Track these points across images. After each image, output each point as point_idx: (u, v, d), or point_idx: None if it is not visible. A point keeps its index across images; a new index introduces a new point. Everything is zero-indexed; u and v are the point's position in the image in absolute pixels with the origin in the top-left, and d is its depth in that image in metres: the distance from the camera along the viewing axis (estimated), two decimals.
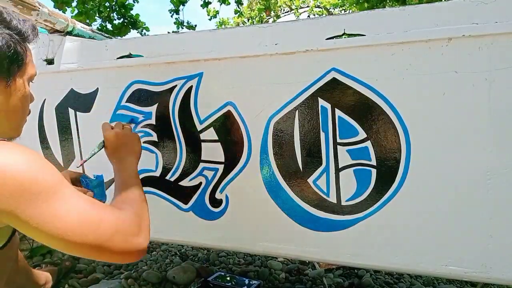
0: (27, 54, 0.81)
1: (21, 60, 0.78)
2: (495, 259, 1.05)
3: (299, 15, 10.98)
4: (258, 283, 1.70)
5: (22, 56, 0.78)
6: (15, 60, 0.76)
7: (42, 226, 0.65)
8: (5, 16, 0.76)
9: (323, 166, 1.20)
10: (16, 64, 0.77)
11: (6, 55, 0.73)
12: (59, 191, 0.69)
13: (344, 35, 1.13)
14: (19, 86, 0.79)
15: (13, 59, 0.75)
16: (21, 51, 0.78)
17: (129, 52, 1.42)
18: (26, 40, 0.80)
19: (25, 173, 0.66)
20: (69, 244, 0.66)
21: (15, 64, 0.77)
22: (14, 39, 0.75)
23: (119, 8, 5.28)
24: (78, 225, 0.67)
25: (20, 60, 0.78)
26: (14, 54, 0.75)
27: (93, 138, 1.52)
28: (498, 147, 1.02)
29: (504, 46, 0.98)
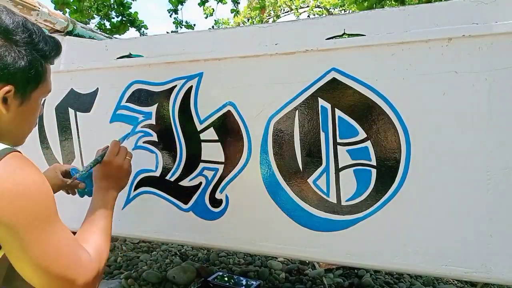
0: (46, 73, 0.82)
1: (39, 80, 0.79)
2: (495, 259, 1.05)
3: (299, 15, 10.98)
4: (258, 283, 1.70)
5: (41, 76, 0.79)
6: (34, 80, 0.77)
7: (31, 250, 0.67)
8: (34, 36, 0.76)
9: (323, 166, 1.20)
10: (34, 83, 0.78)
11: (26, 76, 0.74)
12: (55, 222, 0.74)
13: (344, 35, 1.13)
14: (32, 103, 0.80)
15: (31, 79, 0.76)
16: (41, 71, 0.78)
17: (129, 52, 1.42)
18: (48, 60, 0.82)
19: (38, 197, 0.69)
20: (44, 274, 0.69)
21: (32, 84, 0.77)
22: (37, 60, 0.76)
23: (118, 6, 5.28)
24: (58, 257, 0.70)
25: (38, 80, 0.79)
26: (34, 75, 0.76)
27: (93, 138, 1.52)
28: (498, 147, 1.02)
29: (504, 46, 0.98)
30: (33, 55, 0.75)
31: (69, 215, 1.55)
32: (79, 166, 1.55)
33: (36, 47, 0.76)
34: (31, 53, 0.75)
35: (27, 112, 0.80)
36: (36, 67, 0.76)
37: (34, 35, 0.76)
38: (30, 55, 0.74)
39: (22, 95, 0.76)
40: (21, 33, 0.73)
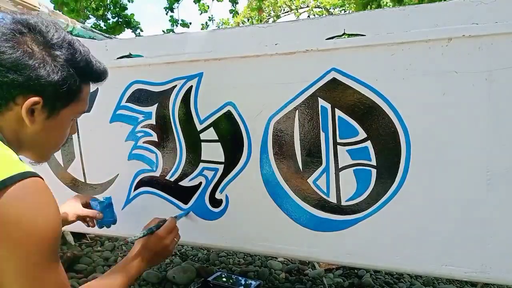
0: (81, 93, 0.80)
1: (71, 98, 0.78)
2: (495, 259, 1.05)
3: (299, 15, 10.99)
4: (258, 283, 1.70)
5: (74, 94, 0.78)
6: (65, 97, 0.76)
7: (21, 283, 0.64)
8: (77, 55, 0.76)
9: (323, 166, 1.20)
10: (64, 100, 0.76)
11: (57, 91, 0.73)
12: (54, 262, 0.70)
13: (344, 35, 1.13)
14: (60, 120, 0.78)
15: (62, 96, 0.75)
16: (75, 90, 0.77)
17: (129, 52, 1.42)
18: (88, 81, 0.81)
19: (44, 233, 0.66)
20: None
21: (63, 101, 0.76)
22: (73, 78, 0.75)
23: (114, 7, 5.29)
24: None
25: (71, 98, 0.78)
26: (66, 92, 0.75)
27: (93, 138, 1.52)
28: (498, 147, 1.02)
29: (504, 46, 0.98)
30: (69, 72, 0.74)
31: None
32: (79, 167, 1.55)
33: (75, 65, 0.75)
34: (68, 70, 0.74)
35: (53, 128, 0.78)
36: (69, 84, 0.75)
37: (78, 54, 0.76)
38: (66, 72, 0.74)
39: (50, 109, 0.75)
40: (64, 49, 0.73)
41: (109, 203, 1.26)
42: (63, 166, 1.58)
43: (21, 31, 0.71)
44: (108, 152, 1.50)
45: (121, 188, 1.49)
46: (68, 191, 1.57)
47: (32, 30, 0.72)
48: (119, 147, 1.47)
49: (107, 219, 1.26)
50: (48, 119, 0.75)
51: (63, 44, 0.74)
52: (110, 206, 1.26)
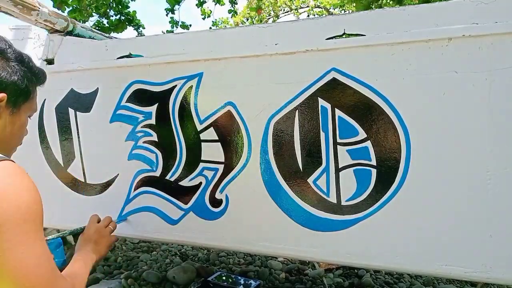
0: (34, 93, 0.93)
1: (29, 95, 0.90)
2: (495, 259, 1.05)
3: (299, 15, 10.98)
4: (258, 283, 1.70)
5: (30, 92, 0.90)
6: (24, 93, 0.87)
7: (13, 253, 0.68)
8: (24, 57, 0.88)
9: (323, 166, 1.20)
10: (24, 97, 0.88)
11: (19, 88, 0.85)
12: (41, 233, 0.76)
13: (344, 35, 1.13)
14: (20, 116, 0.89)
15: (22, 92, 0.87)
16: (30, 89, 0.90)
17: (129, 52, 1.42)
18: (37, 81, 0.93)
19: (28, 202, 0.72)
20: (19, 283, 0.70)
21: (23, 97, 0.87)
22: (28, 76, 0.88)
23: (116, 5, 5.28)
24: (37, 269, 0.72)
25: (28, 94, 0.89)
26: (25, 89, 0.87)
27: (93, 138, 1.52)
28: (498, 147, 1.02)
29: (504, 46, 0.98)
30: (24, 71, 0.87)
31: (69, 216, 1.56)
32: (79, 167, 1.55)
33: (26, 65, 0.88)
34: (22, 70, 0.86)
35: (16, 123, 0.88)
36: (26, 82, 0.87)
37: (24, 56, 0.88)
38: (22, 71, 0.86)
39: (13, 105, 0.85)
40: (13, 53, 0.85)
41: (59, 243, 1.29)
42: (63, 166, 1.58)
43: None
44: (108, 152, 1.50)
45: (121, 188, 1.49)
46: (68, 191, 1.57)
47: None
48: (119, 147, 1.47)
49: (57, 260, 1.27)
50: (11, 114, 0.85)
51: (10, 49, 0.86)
52: (59, 246, 1.29)
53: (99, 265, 2.01)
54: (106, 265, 2.05)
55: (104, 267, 2.04)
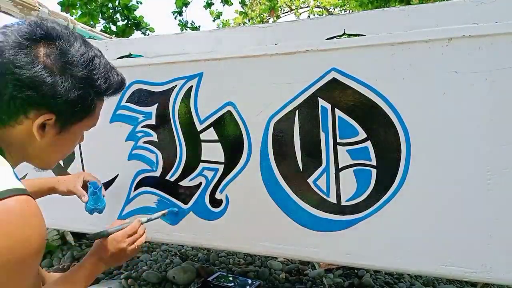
0: (95, 109, 0.79)
1: (85, 114, 0.77)
2: (495, 259, 1.05)
3: (299, 15, 10.98)
4: (258, 283, 1.70)
5: (88, 111, 0.76)
6: (79, 114, 0.75)
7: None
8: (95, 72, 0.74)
9: (323, 166, 1.20)
10: (77, 117, 0.75)
11: (71, 109, 0.71)
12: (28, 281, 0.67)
13: (344, 35, 1.13)
14: (71, 134, 0.78)
15: (76, 113, 0.74)
16: (89, 107, 0.75)
17: (129, 52, 1.42)
18: (103, 97, 0.79)
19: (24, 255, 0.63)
20: None
21: (76, 118, 0.75)
22: (89, 95, 0.73)
23: (123, 10, 5.27)
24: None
25: (84, 114, 0.76)
26: (80, 109, 0.73)
27: (93, 138, 1.52)
28: (498, 147, 1.02)
29: (504, 46, 0.98)
30: (86, 90, 0.72)
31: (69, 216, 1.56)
32: (79, 167, 1.55)
33: (93, 83, 0.73)
34: (85, 88, 0.72)
35: (63, 142, 0.77)
36: (85, 102, 0.73)
37: (96, 71, 0.73)
38: (83, 90, 0.71)
39: (62, 125, 0.73)
40: (83, 68, 0.71)
41: (94, 191, 1.26)
42: (63, 166, 1.58)
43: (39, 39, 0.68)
44: (108, 152, 1.50)
45: (121, 188, 1.49)
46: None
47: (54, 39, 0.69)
48: (119, 147, 1.47)
49: (89, 205, 1.26)
50: (58, 134, 0.74)
51: (84, 61, 0.71)
52: (94, 193, 1.26)
53: None
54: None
55: None
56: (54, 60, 0.68)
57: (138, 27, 5.48)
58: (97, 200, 1.27)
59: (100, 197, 1.29)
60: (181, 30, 6.16)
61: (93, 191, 1.25)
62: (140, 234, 1.08)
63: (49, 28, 0.69)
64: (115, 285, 1.79)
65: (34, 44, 0.67)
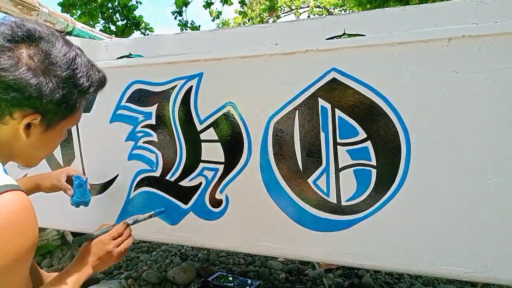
0: (79, 106, 0.80)
1: (69, 112, 0.77)
2: (495, 259, 1.05)
3: (299, 15, 10.98)
4: (258, 283, 1.70)
5: (72, 109, 0.77)
6: (64, 112, 0.76)
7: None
8: (77, 72, 0.74)
9: (323, 166, 1.20)
10: (62, 115, 0.76)
11: (57, 108, 0.73)
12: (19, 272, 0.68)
13: (344, 35, 1.13)
14: (56, 131, 0.79)
15: (61, 111, 0.75)
16: (73, 105, 0.76)
17: (129, 52, 1.42)
18: (86, 95, 0.80)
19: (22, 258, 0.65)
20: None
21: (60, 115, 0.76)
22: (73, 94, 0.74)
23: (122, 10, 5.27)
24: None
25: (68, 112, 0.77)
26: (65, 108, 0.74)
27: (93, 138, 1.52)
28: (498, 147, 1.02)
29: (504, 46, 0.98)
30: (70, 89, 0.73)
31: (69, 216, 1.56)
32: (79, 167, 1.55)
33: (76, 82, 0.74)
34: (69, 88, 0.73)
35: (49, 139, 0.78)
36: (69, 101, 0.74)
37: (78, 70, 0.74)
38: (67, 89, 0.72)
39: (47, 124, 0.74)
40: (66, 68, 0.71)
41: (80, 184, 1.26)
42: (63, 166, 1.58)
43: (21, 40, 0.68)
44: (108, 152, 1.50)
45: (121, 188, 1.49)
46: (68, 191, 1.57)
47: (36, 40, 0.69)
48: (119, 147, 1.47)
49: (75, 198, 1.26)
50: (45, 132, 0.75)
51: (67, 61, 0.72)
52: (80, 186, 1.27)
53: None
54: None
55: None
56: (37, 61, 0.68)
57: (138, 27, 5.47)
58: (83, 192, 1.27)
59: (86, 189, 1.29)
60: (181, 30, 6.15)
61: (79, 184, 1.26)
62: (126, 236, 1.08)
63: (31, 29, 0.70)
64: (115, 285, 1.79)
65: (16, 46, 0.67)
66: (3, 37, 0.67)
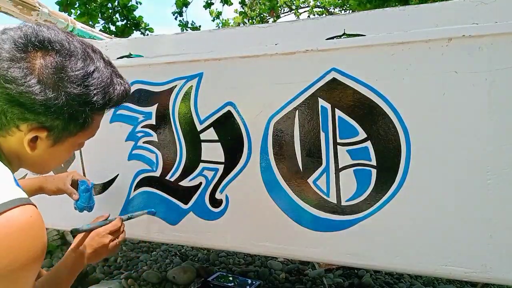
0: (92, 123, 0.76)
1: (78, 130, 0.73)
2: (495, 259, 1.05)
3: (299, 15, 10.97)
4: (258, 283, 1.71)
5: (82, 126, 0.73)
6: (72, 129, 0.72)
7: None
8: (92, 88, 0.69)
9: (323, 166, 1.20)
10: (70, 132, 0.72)
11: (65, 126, 0.69)
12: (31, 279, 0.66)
13: (344, 35, 1.13)
14: (65, 147, 0.76)
15: (69, 128, 0.71)
16: (82, 123, 0.72)
17: (129, 52, 1.42)
18: (101, 111, 0.76)
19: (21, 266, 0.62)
20: None
21: (68, 132, 0.72)
22: (84, 113, 0.70)
23: (122, 10, 5.27)
24: None
25: (77, 130, 0.73)
26: (74, 126, 0.71)
27: (93, 138, 1.52)
28: (498, 147, 1.02)
29: (504, 46, 0.98)
30: (80, 107, 0.68)
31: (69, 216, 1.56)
32: (79, 167, 1.55)
33: (88, 99, 0.69)
34: (79, 105, 0.68)
35: (57, 153, 0.75)
36: (79, 118, 0.70)
37: (94, 87, 0.69)
38: (77, 107, 0.68)
39: (55, 139, 0.71)
40: (78, 84, 0.67)
41: (86, 189, 1.26)
42: (63, 166, 1.58)
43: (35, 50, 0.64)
44: (108, 152, 1.50)
45: (121, 188, 1.49)
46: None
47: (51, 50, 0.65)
48: (119, 147, 1.47)
49: (80, 203, 1.26)
50: (52, 146, 0.73)
51: (82, 77, 0.68)
52: (86, 191, 1.26)
53: (98, 265, 2.01)
54: (106, 265, 2.05)
55: (104, 267, 2.04)
56: (48, 74, 0.64)
57: (137, 27, 5.47)
58: (89, 198, 1.27)
59: (92, 195, 1.30)
60: (181, 30, 6.15)
61: (86, 189, 1.25)
62: (121, 231, 1.10)
63: (45, 38, 0.66)
64: (115, 285, 1.79)
65: (28, 57, 0.64)
66: (16, 46, 0.63)
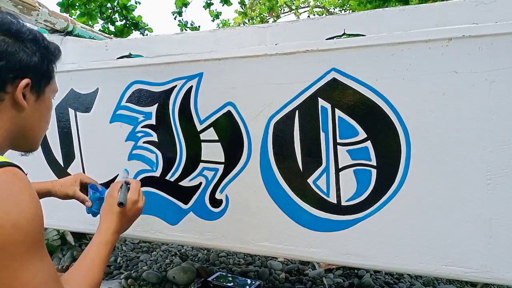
0: (54, 72, 0.88)
1: (50, 76, 0.85)
2: (495, 259, 1.05)
3: (299, 15, 10.97)
4: (258, 283, 1.70)
5: (51, 72, 0.86)
6: (46, 75, 0.84)
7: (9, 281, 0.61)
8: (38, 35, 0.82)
9: (323, 166, 1.20)
10: (46, 78, 0.84)
11: (40, 70, 0.81)
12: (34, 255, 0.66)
13: (344, 35, 1.13)
14: (46, 99, 0.85)
15: (45, 74, 0.83)
16: (50, 68, 0.85)
17: (129, 52, 1.42)
18: (55, 59, 0.88)
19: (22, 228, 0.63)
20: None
21: (46, 79, 0.83)
22: (46, 56, 0.83)
23: (121, 10, 5.26)
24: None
25: (50, 76, 0.85)
26: (46, 70, 0.83)
27: (93, 138, 1.52)
28: (498, 147, 1.02)
29: (504, 46, 0.98)
30: (41, 51, 0.81)
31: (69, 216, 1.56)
32: (79, 167, 1.55)
33: (42, 45, 0.82)
34: (39, 50, 0.80)
35: (43, 109, 0.84)
36: (48, 64, 0.83)
37: (38, 34, 0.83)
38: (39, 52, 0.80)
39: (37, 90, 0.80)
40: (29, 33, 0.79)
41: (101, 197, 1.25)
42: (63, 166, 1.58)
43: None
44: (108, 152, 1.50)
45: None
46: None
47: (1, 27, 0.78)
48: (119, 147, 1.47)
49: (95, 209, 1.26)
50: (37, 100, 0.81)
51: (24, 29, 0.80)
52: (101, 200, 1.26)
53: None
54: (106, 265, 2.05)
55: None
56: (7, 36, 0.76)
57: (137, 27, 5.47)
58: (101, 203, 1.26)
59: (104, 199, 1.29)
60: (181, 30, 6.15)
61: (99, 197, 1.24)
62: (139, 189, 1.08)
63: None
64: (115, 285, 1.79)
65: None
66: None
